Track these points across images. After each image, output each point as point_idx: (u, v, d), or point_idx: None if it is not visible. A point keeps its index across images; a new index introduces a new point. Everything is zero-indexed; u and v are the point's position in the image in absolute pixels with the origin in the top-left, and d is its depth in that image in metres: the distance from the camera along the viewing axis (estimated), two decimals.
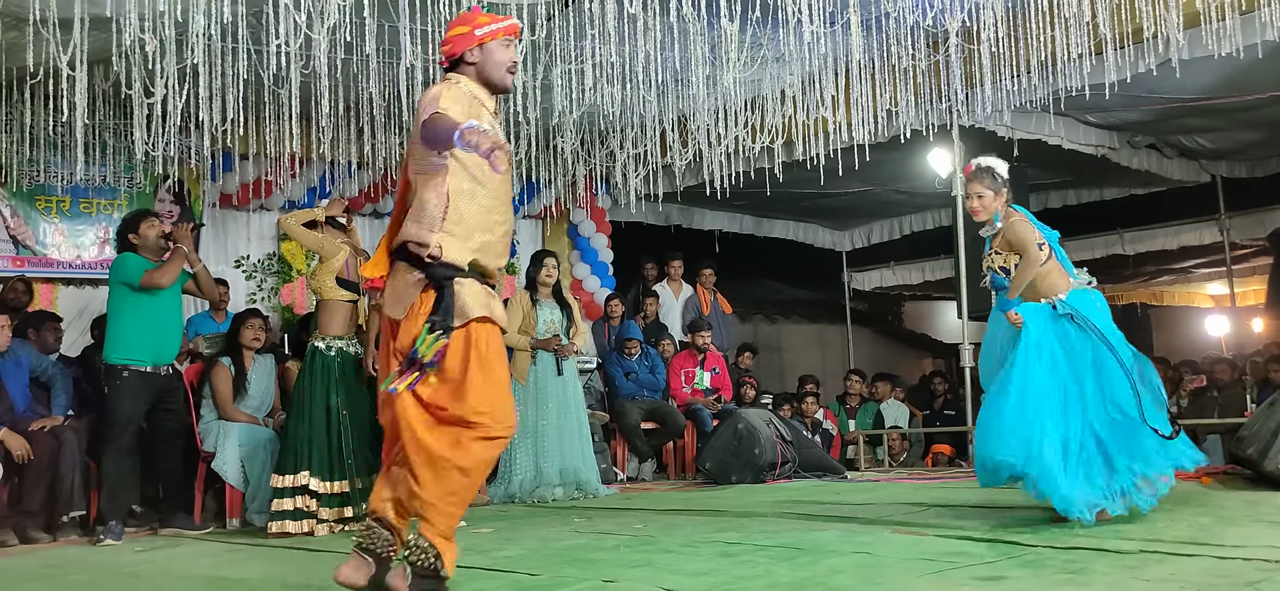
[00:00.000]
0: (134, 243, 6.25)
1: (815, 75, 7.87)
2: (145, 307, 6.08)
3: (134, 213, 6.76)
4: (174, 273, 6.21)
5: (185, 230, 6.40)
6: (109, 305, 6.20)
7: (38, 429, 6.25)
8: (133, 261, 6.15)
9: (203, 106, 6.67)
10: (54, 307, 8.17)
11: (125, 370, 6.00)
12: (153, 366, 6.12)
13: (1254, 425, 6.34)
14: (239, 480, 6.64)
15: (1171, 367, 10.14)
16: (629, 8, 5.72)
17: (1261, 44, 6.52)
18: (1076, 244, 12.46)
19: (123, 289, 6.10)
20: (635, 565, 4.06)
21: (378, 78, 7.24)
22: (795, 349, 15.32)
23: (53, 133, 7.66)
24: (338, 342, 6.05)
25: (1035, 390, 4.65)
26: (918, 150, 9.13)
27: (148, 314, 6.10)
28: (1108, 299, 5.10)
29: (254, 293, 9.41)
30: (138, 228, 6.29)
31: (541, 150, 9.35)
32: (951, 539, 4.37)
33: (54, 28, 5.47)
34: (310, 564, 4.72)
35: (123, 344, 6.04)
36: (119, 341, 6.05)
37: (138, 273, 6.08)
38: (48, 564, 5.20)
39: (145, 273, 6.09)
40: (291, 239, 8.10)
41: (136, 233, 6.26)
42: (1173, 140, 9.89)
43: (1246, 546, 3.79)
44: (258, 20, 5.97)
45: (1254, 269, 13.97)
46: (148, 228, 6.29)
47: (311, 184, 9.43)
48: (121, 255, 6.26)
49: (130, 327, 6.04)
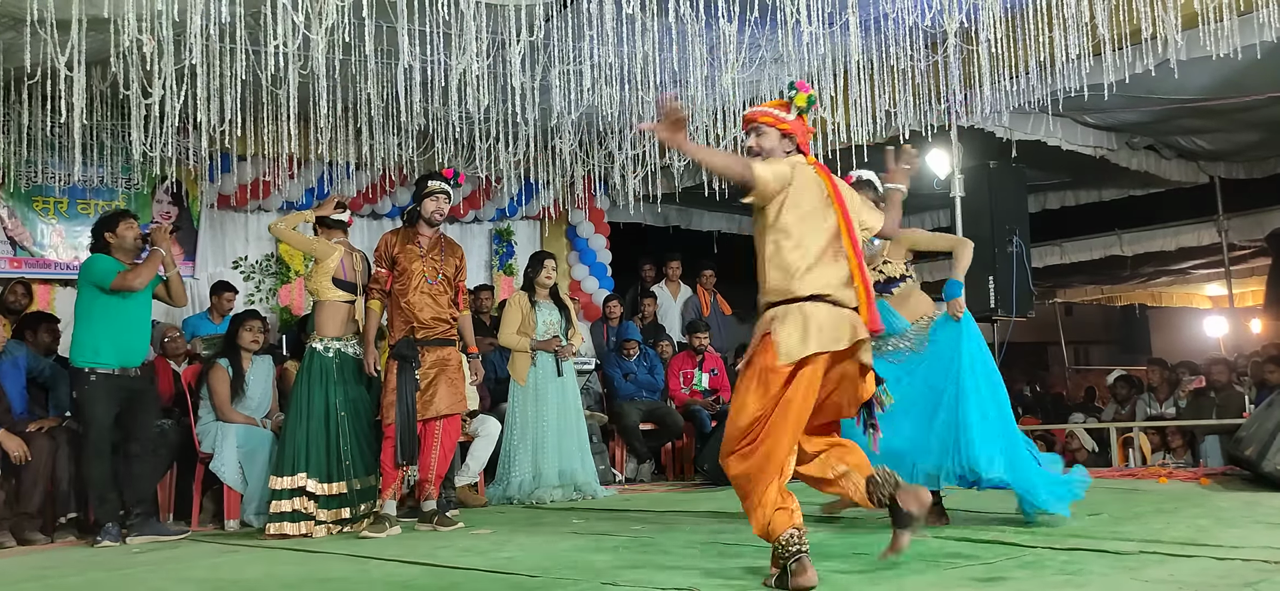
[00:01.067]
0: (109, 242, 6.08)
1: (814, 76, 7.87)
2: (114, 309, 5.95)
3: (112, 212, 6.55)
4: (148, 275, 6.06)
5: (164, 232, 6.23)
6: (77, 306, 6.02)
7: (35, 430, 6.23)
8: (104, 262, 6.00)
9: (200, 107, 6.65)
10: (51, 309, 8.15)
11: (92, 373, 5.86)
12: (119, 369, 5.96)
13: (1252, 426, 6.36)
14: (237, 481, 6.63)
15: (1170, 369, 10.14)
16: (627, 8, 5.71)
17: (1260, 45, 6.52)
18: (1075, 244, 12.49)
19: (92, 290, 5.95)
20: (633, 567, 4.06)
21: (376, 78, 7.25)
22: None
23: (50, 134, 7.65)
24: (335, 344, 6.03)
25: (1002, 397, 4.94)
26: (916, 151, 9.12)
27: (116, 316, 5.96)
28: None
29: (252, 294, 9.41)
30: (115, 227, 6.12)
31: (540, 151, 9.35)
32: (950, 539, 4.37)
33: (51, 28, 5.46)
34: (308, 565, 4.71)
35: (88, 346, 5.89)
36: (85, 343, 5.90)
37: (109, 274, 5.94)
38: (45, 565, 5.19)
39: (119, 275, 5.95)
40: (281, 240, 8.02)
41: (114, 232, 6.10)
42: (1171, 141, 9.90)
43: (1244, 547, 3.80)
44: (256, 21, 5.97)
45: (1252, 270, 13.97)
46: (125, 228, 6.13)
47: (309, 185, 9.43)
48: (93, 255, 6.09)
49: (98, 329, 5.89)
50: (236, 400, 6.84)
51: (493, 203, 10.56)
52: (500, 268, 10.76)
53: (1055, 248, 12.48)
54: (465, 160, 9.12)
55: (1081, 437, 9.66)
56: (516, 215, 10.86)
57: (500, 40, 6.59)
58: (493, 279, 10.63)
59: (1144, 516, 4.96)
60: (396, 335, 6.04)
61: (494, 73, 7.37)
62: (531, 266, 7.76)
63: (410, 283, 6.02)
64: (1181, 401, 9.44)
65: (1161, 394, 9.72)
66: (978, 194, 8.92)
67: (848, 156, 8.15)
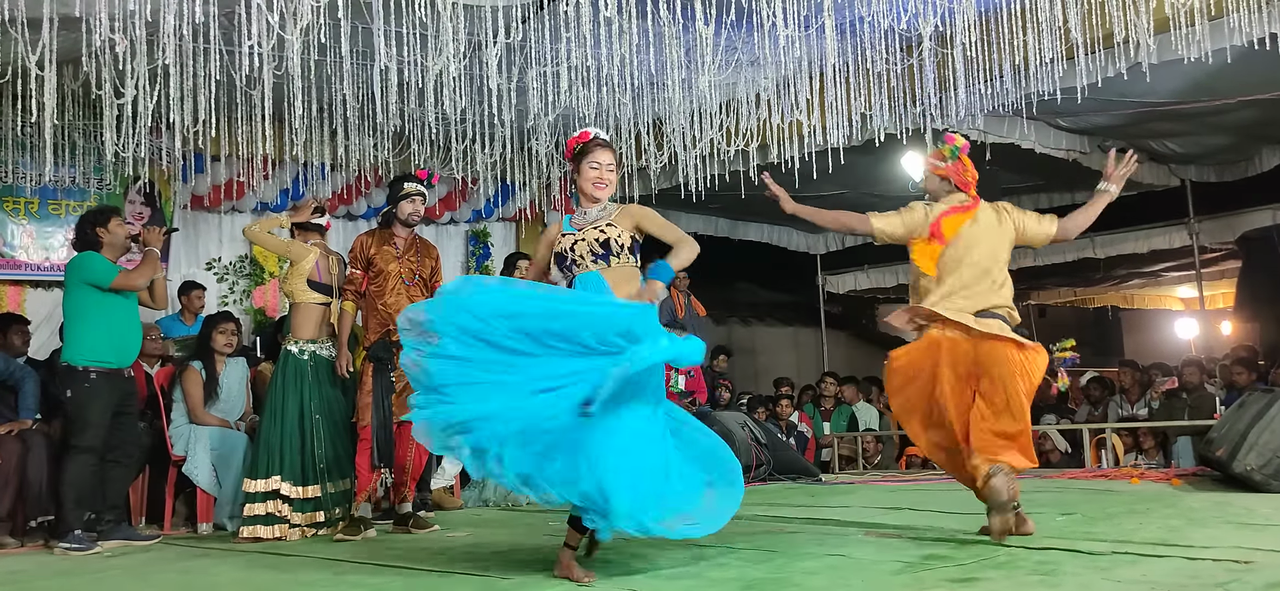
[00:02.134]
0: (101, 238, 5.99)
1: (790, 79, 7.89)
2: (110, 307, 5.88)
3: (101, 207, 6.45)
4: (149, 275, 6.02)
5: (157, 233, 6.20)
6: (70, 305, 5.92)
7: (5, 432, 6.16)
8: (100, 261, 5.91)
9: (174, 107, 6.62)
10: (22, 310, 8.06)
11: (93, 372, 5.79)
12: (118, 367, 5.93)
13: (1223, 427, 6.42)
14: (211, 484, 6.58)
15: (1141, 370, 10.23)
16: (604, 11, 5.71)
17: (1230, 49, 6.60)
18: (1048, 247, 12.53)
19: (86, 289, 5.86)
20: (608, 567, 4.06)
21: (351, 79, 7.21)
22: (770, 352, 15.35)
23: (21, 133, 7.58)
24: (310, 346, 6.00)
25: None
26: (891, 154, 9.17)
27: (112, 314, 5.89)
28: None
29: (226, 295, 9.34)
30: (107, 224, 6.02)
31: (516, 152, 9.33)
32: (925, 541, 4.39)
33: (23, 27, 5.41)
34: (281, 569, 4.68)
35: (87, 345, 5.82)
36: (83, 342, 5.82)
37: (110, 272, 5.87)
38: (14, 570, 5.13)
39: (121, 274, 5.90)
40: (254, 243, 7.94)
41: (106, 228, 6.00)
42: (1143, 144, 9.98)
43: (1215, 547, 3.83)
44: (230, 21, 5.91)
45: (1223, 272, 14.11)
46: (117, 226, 6.05)
47: (284, 186, 9.37)
48: (85, 254, 5.97)
49: (96, 328, 5.83)
50: (210, 403, 6.80)
51: (469, 204, 10.53)
52: (476, 269, 10.73)
53: (1028, 249, 12.52)
54: (441, 161, 9.09)
55: (1055, 438, 9.73)
56: (493, 216, 10.84)
57: (477, 41, 6.58)
58: None
59: (1116, 517, 5.00)
60: (372, 337, 6.01)
61: (470, 74, 7.36)
62: (505, 268, 7.75)
63: (386, 284, 5.99)
64: (1154, 402, 9.52)
65: (1133, 395, 9.79)
66: None
67: (824, 159, 8.18)
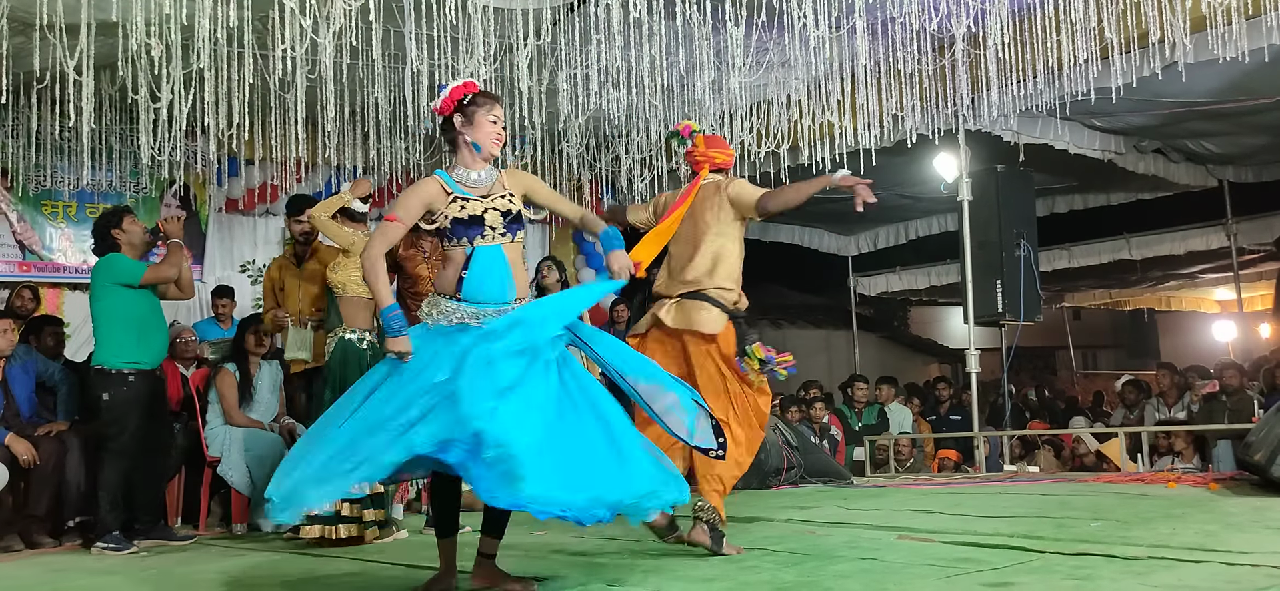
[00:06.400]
0: (118, 238, 5.98)
1: (821, 80, 7.86)
2: (139, 307, 5.90)
3: (113, 209, 6.34)
4: (177, 264, 5.98)
5: (176, 222, 6.14)
6: (99, 308, 5.91)
7: (43, 433, 6.24)
8: (126, 261, 5.92)
9: (208, 111, 6.68)
10: (60, 313, 8.17)
11: (131, 374, 5.82)
12: (150, 367, 5.95)
13: (1261, 431, 6.32)
14: (245, 485, 6.62)
15: (1178, 373, 10.11)
16: (634, 12, 5.72)
17: (1268, 48, 6.51)
18: (1083, 248, 12.47)
19: (116, 289, 5.86)
20: (640, 569, 4.05)
21: (383, 82, 7.25)
22: (801, 354, 15.24)
23: (59, 138, 7.68)
24: (367, 334, 5.90)
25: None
26: (923, 155, 9.12)
27: (143, 313, 5.91)
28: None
29: (259, 298, 9.40)
30: (121, 224, 6.00)
31: (547, 154, 9.36)
32: (959, 545, 4.35)
33: (60, 33, 5.49)
34: (315, 568, 4.71)
35: (120, 345, 5.82)
36: (116, 343, 5.83)
37: (137, 271, 5.87)
38: (52, 569, 5.20)
39: (150, 268, 5.90)
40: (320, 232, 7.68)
41: (121, 228, 5.98)
42: (1179, 144, 9.87)
43: (1254, 552, 3.78)
44: (263, 25, 5.97)
45: (1261, 274, 13.92)
46: (131, 224, 6.04)
47: (317, 189, 9.44)
48: (108, 256, 5.97)
49: (128, 328, 5.84)
50: (244, 404, 6.84)
51: None
52: None
53: (1063, 251, 12.45)
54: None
55: (1086, 441, 9.64)
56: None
57: (507, 44, 6.60)
58: None
59: (1152, 521, 4.94)
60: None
61: (501, 76, 7.38)
62: (536, 271, 7.76)
63: (417, 286, 6.01)
64: (1193, 405, 9.40)
65: (1170, 398, 9.68)
66: (985, 198, 8.90)
67: (855, 161, 8.15)
